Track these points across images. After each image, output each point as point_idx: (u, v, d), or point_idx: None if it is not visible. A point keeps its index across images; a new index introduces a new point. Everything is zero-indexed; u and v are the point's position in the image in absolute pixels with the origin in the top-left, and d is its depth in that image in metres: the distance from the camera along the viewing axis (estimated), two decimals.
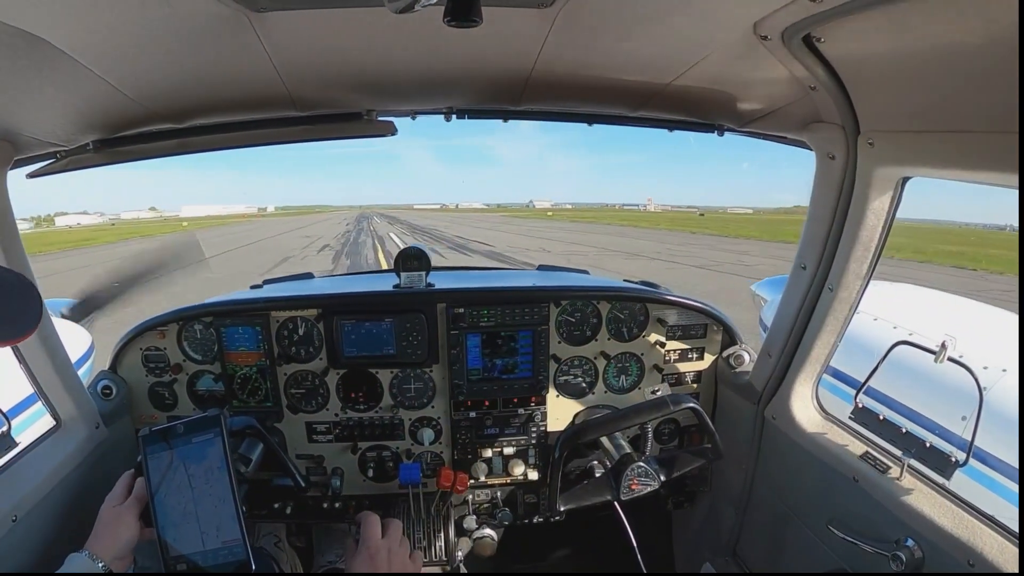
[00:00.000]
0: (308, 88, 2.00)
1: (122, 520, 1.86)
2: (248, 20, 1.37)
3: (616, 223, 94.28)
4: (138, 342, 2.76)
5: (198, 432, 1.91)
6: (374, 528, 1.95)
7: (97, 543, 1.79)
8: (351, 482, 2.89)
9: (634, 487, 2.30)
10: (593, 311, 2.93)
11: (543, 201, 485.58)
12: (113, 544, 1.80)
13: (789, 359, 2.48)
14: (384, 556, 1.89)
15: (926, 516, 1.87)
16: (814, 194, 2.17)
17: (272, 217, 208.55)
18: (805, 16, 1.32)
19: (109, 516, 1.87)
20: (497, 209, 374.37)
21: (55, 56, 1.35)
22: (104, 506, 1.90)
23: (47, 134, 1.93)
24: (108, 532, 1.83)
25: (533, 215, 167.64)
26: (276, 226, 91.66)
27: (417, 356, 2.77)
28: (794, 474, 2.51)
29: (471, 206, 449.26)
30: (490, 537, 2.82)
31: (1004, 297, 17.82)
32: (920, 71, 1.46)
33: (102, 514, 1.88)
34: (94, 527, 1.84)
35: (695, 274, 26.29)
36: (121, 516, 1.87)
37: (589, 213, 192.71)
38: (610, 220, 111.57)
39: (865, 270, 2.12)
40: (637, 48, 1.70)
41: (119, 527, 1.84)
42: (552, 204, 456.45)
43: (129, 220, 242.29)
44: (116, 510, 1.88)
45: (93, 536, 1.82)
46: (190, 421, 1.93)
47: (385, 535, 1.95)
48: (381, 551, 1.89)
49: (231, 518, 1.86)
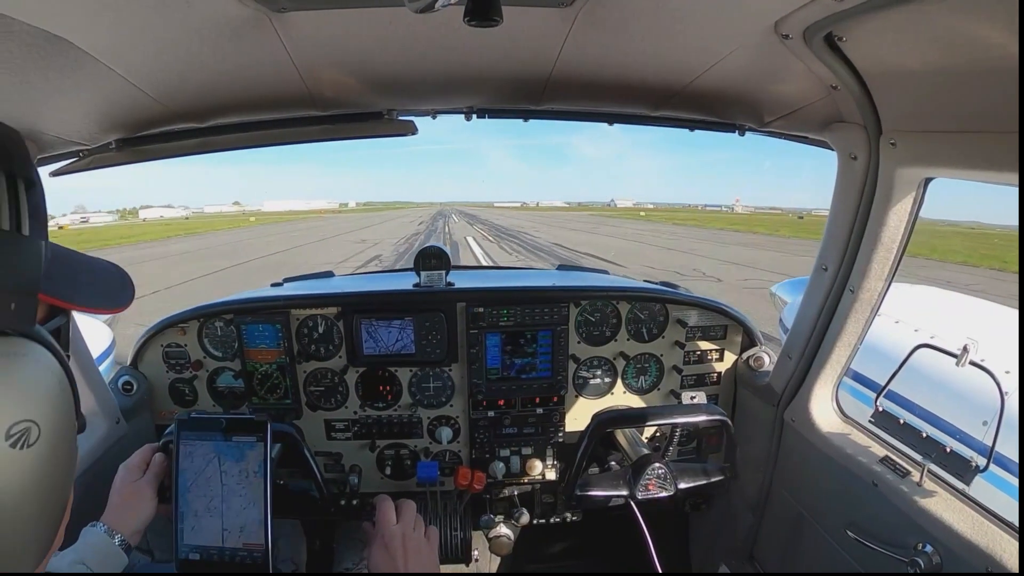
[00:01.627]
0: (328, 87, 2.01)
1: (143, 495, 1.89)
2: (269, 20, 1.38)
3: (725, 228, 76.97)
4: (159, 339, 2.80)
5: (240, 432, 1.92)
6: (388, 513, 1.95)
7: (115, 517, 1.81)
8: (369, 479, 2.90)
9: (651, 488, 2.29)
10: (613, 311, 2.93)
11: (624, 200, 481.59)
12: (133, 519, 1.83)
13: (809, 361, 2.46)
14: (399, 541, 1.90)
15: (945, 522, 1.85)
16: (836, 195, 2.16)
17: (348, 213, 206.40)
18: (827, 15, 1.31)
19: (129, 490, 1.89)
20: (578, 207, 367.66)
21: (78, 57, 1.36)
22: (121, 478, 1.92)
23: (70, 133, 1.94)
24: (128, 506, 1.85)
25: (626, 215, 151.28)
26: (339, 224, 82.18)
27: (436, 355, 2.78)
28: (812, 477, 2.49)
29: (552, 204, 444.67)
30: (506, 536, 2.81)
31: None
32: (943, 70, 1.44)
33: (120, 487, 1.89)
34: (110, 498, 1.86)
35: None
36: (141, 491, 1.89)
37: (682, 214, 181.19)
38: (709, 223, 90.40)
39: (887, 272, 2.10)
40: (657, 47, 1.70)
41: (140, 502, 1.87)
42: (634, 203, 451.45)
43: (211, 213, 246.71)
44: (136, 485, 1.90)
45: (111, 509, 1.83)
46: (233, 419, 1.95)
47: (399, 518, 1.95)
48: (396, 537, 1.90)
49: (259, 524, 1.87)
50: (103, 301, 1.11)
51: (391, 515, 1.95)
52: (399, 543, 1.89)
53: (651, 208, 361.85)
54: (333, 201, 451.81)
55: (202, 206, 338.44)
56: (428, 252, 2.86)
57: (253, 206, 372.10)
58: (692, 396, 2.77)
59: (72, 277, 1.02)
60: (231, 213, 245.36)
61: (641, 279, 3.51)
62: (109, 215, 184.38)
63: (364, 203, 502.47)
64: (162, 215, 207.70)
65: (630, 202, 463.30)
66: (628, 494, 2.30)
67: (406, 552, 1.88)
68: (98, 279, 1.11)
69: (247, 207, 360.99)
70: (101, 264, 1.15)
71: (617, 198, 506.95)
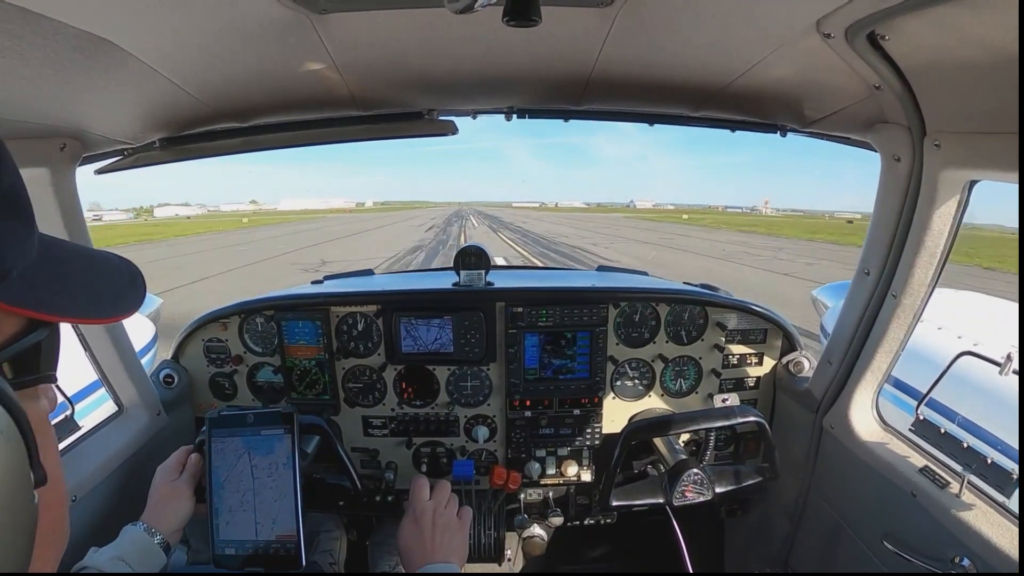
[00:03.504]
0: (369, 88, 2.03)
1: (181, 495, 1.92)
2: (310, 22, 1.41)
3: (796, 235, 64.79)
4: (200, 333, 2.85)
5: (268, 425, 1.96)
6: (422, 491, 2.00)
7: (154, 516, 1.83)
8: (404, 476, 2.92)
9: (688, 494, 2.28)
10: (652, 313, 2.91)
11: (644, 201, 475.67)
12: (172, 518, 1.86)
13: (850, 367, 2.42)
14: (429, 516, 1.93)
15: (983, 535, 1.81)
16: (879, 197, 2.12)
17: (363, 212, 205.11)
18: (869, 13, 1.29)
19: (167, 491, 1.92)
20: (597, 208, 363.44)
21: (122, 58, 1.40)
22: (159, 479, 1.95)
23: (115, 132, 1.99)
24: (167, 506, 1.88)
25: (667, 218, 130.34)
26: (344, 226, 74.98)
27: (475, 354, 2.79)
28: (850, 486, 2.45)
29: (571, 204, 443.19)
30: (540, 537, 2.82)
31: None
32: (988, 70, 1.40)
33: (159, 487, 1.93)
34: (149, 499, 1.89)
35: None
36: (180, 491, 1.92)
37: (723, 217, 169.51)
38: (781, 230, 77.23)
39: (930, 277, 2.05)
40: (698, 47, 1.69)
41: (178, 502, 1.90)
42: (653, 204, 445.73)
43: (228, 212, 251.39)
44: (174, 485, 1.93)
45: (150, 509, 1.86)
46: (260, 413, 1.99)
47: (433, 496, 2.00)
48: (427, 512, 1.94)
49: (290, 515, 1.90)
50: (100, 309, 0.94)
51: (424, 492, 2.00)
52: (429, 517, 1.93)
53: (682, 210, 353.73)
54: (351, 200, 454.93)
55: (219, 204, 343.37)
56: (468, 251, 2.87)
57: (270, 204, 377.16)
58: (724, 399, 2.75)
59: (62, 279, 0.86)
60: (246, 211, 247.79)
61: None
62: (124, 214, 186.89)
63: (382, 202, 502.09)
64: (177, 213, 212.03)
65: (650, 203, 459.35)
66: (665, 501, 2.29)
67: (435, 527, 1.91)
68: (98, 280, 0.95)
69: (264, 205, 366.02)
70: (110, 262, 1.00)
71: (637, 199, 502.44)
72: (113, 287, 0.96)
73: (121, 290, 0.97)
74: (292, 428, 1.96)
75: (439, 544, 1.88)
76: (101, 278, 0.95)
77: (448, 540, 1.91)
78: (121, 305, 0.96)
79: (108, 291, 0.95)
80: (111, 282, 0.97)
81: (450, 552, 1.88)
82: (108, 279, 0.97)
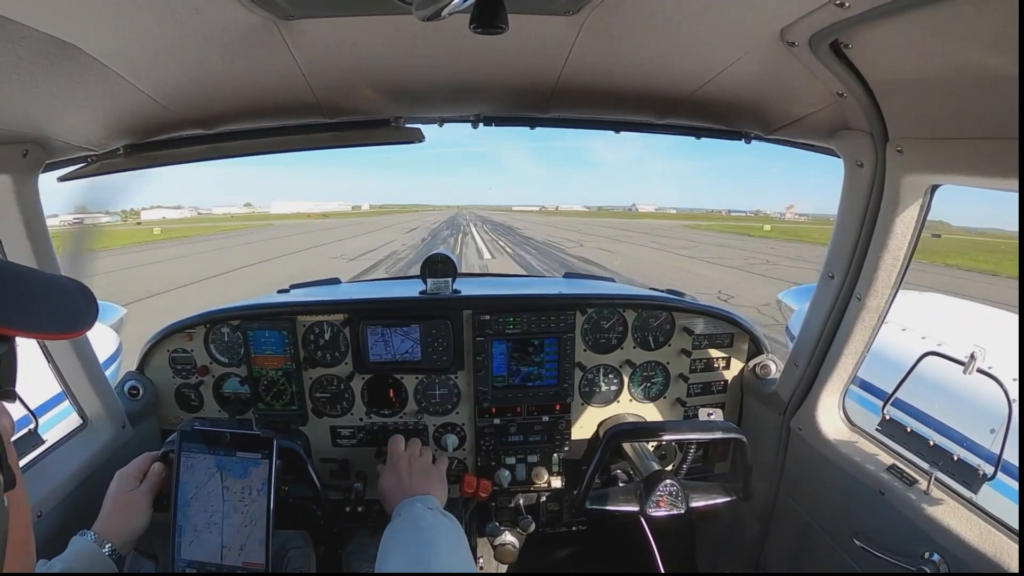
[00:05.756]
0: (336, 95, 2.02)
1: (137, 506, 1.87)
2: (277, 28, 1.39)
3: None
4: (165, 344, 2.80)
5: (245, 448, 1.92)
6: (397, 444, 2.18)
7: (107, 525, 1.79)
8: (374, 486, 2.88)
9: (662, 504, 2.29)
10: (619, 319, 2.92)
11: (646, 205, 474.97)
12: (126, 528, 1.81)
13: (816, 369, 2.46)
14: (405, 462, 2.08)
15: (952, 530, 1.85)
16: (842, 202, 2.16)
17: (360, 216, 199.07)
18: (833, 22, 1.31)
19: (123, 500, 1.87)
20: (598, 212, 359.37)
21: (87, 63, 1.37)
22: (116, 486, 1.91)
23: (78, 138, 1.95)
24: (121, 515, 1.83)
25: (733, 228, 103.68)
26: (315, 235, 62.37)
27: (442, 362, 2.77)
28: (819, 486, 2.48)
29: (571, 208, 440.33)
30: (512, 544, 2.81)
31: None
32: (950, 77, 1.43)
33: (115, 495, 1.88)
34: (103, 506, 1.85)
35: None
36: (137, 501, 1.88)
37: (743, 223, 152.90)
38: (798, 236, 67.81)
39: (894, 279, 2.10)
40: (663, 55, 1.70)
41: (134, 513, 1.86)
42: (655, 208, 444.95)
43: (220, 215, 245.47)
44: (132, 494, 1.89)
45: (103, 517, 1.82)
46: (238, 434, 1.94)
47: (407, 448, 2.15)
48: (402, 458, 2.09)
49: (260, 544, 1.86)
50: (56, 324, 0.98)
51: (400, 445, 2.18)
52: (405, 463, 2.08)
53: (674, 213, 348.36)
54: (346, 203, 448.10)
55: (211, 207, 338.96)
56: (434, 259, 2.86)
57: (264, 207, 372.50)
58: (710, 413, 2.75)
59: (18, 295, 0.91)
60: (241, 214, 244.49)
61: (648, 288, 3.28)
62: (109, 217, 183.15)
63: (379, 205, 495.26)
64: (164, 216, 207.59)
65: (652, 207, 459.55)
66: (639, 510, 2.30)
67: (411, 469, 2.05)
68: (53, 296, 0.99)
69: (258, 208, 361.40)
70: (61, 282, 1.05)
71: (638, 202, 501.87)
72: (67, 304, 1.00)
73: (77, 306, 1.01)
74: (271, 455, 1.92)
75: (416, 482, 1.99)
76: (55, 294, 0.99)
77: (425, 478, 2.02)
78: (76, 321, 1.00)
79: (62, 307, 0.99)
80: (64, 299, 1.00)
81: (428, 487, 1.97)
82: (61, 296, 1.00)
